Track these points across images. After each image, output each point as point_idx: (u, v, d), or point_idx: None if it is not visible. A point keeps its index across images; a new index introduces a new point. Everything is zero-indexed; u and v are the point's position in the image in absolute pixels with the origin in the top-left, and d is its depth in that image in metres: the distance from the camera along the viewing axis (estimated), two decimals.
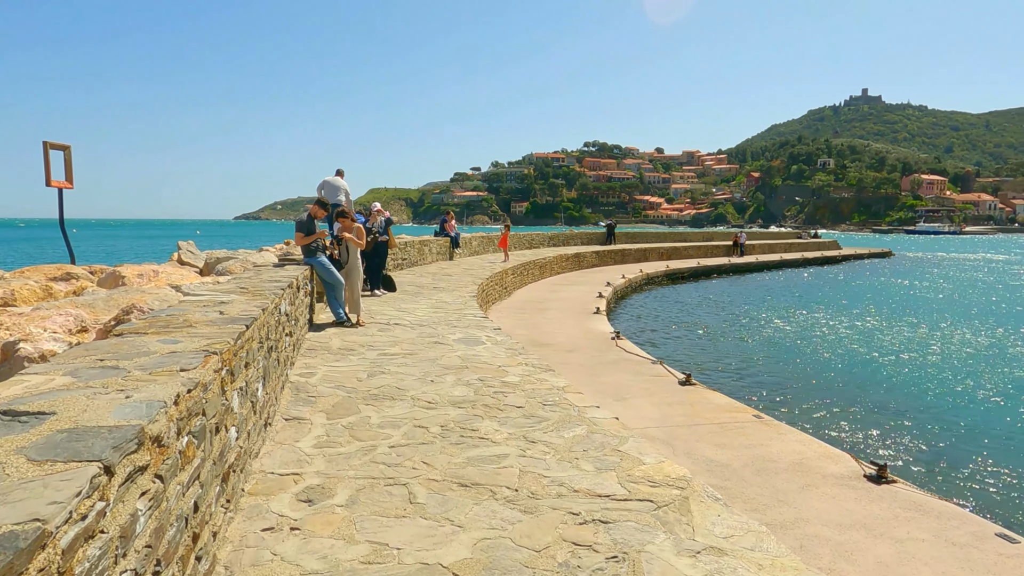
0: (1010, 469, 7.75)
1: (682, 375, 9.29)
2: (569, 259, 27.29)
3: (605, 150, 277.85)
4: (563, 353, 10.92)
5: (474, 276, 16.10)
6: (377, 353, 6.49)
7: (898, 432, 9.05)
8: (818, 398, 10.70)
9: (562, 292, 19.92)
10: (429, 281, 14.43)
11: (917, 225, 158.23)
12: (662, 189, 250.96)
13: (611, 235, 36.40)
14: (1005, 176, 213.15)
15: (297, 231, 7.59)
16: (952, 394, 11.19)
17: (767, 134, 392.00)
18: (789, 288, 28.72)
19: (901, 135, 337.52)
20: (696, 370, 12.36)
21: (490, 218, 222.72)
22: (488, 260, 21.95)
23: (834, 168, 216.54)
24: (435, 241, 19.80)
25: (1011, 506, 6.82)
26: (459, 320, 8.92)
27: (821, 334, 16.71)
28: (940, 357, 14.24)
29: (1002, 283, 33.74)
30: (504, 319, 14.27)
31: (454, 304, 10.78)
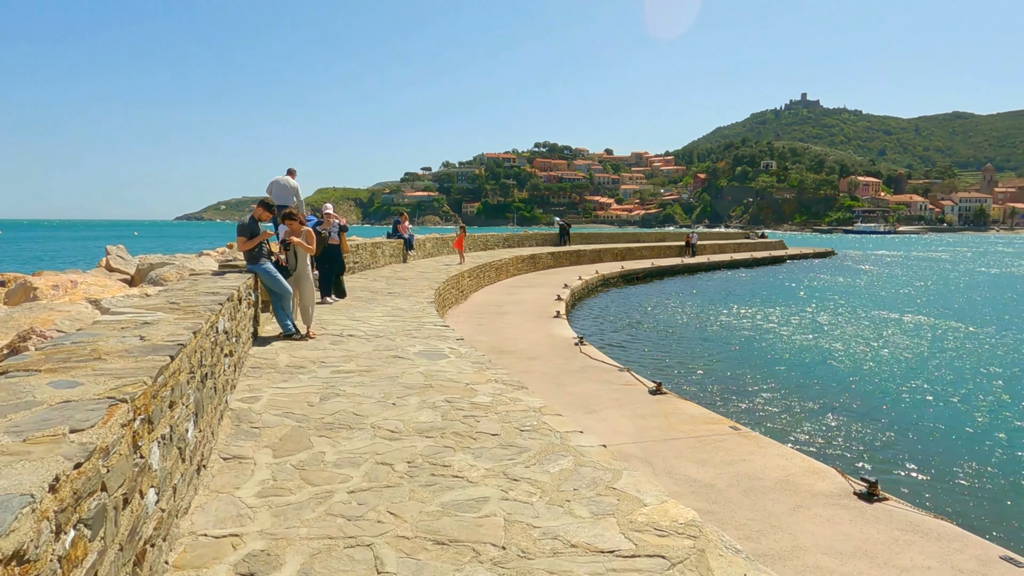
0: (992, 475, 7.63)
1: (652, 384, 8.93)
2: (525, 260, 26.88)
3: (556, 151, 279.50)
4: (526, 361, 10.44)
5: (430, 280, 15.48)
6: (330, 371, 5.86)
7: (869, 435, 8.89)
8: (786, 402, 10.52)
9: (520, 295, 19.46)
10: (383, 286, 13.74)
11: (855, 225, 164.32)
12: (612, 190, 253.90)
13: (565, 236, 36.17)
14: (934, 178, 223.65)
15: (239, 235, 6.87)
16: (919, 396, 11.18)
17: (712, 136, 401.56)
18: (744, 288, 29.00)
19: (838, 138, 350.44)
20: (662, 376, 12.07)
21: (441, 218, 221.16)
22: (443, 262, 21.32)
23: (776, 170, 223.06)
24: (388, 243, 19.07)
25: (999, 517, 6.65)
26: (418, 330, 8.33)
27: (782, 335, 16.72)
28: (902, 357, 14.34)
29: (950, 280, 34.93)
30: (463, 325, 13.71)
31: (412, 311, 10.17)
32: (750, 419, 9.41)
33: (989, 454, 8.41)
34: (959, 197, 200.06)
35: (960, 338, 16.83)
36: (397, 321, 9.03)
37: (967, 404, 10.73)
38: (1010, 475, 7.71)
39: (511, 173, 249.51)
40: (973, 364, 13.73)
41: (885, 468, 7.84)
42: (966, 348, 15.45)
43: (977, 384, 12.00)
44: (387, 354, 6.68)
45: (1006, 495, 7.19)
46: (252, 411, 4.59)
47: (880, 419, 9.78)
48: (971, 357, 14.43)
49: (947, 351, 15.10)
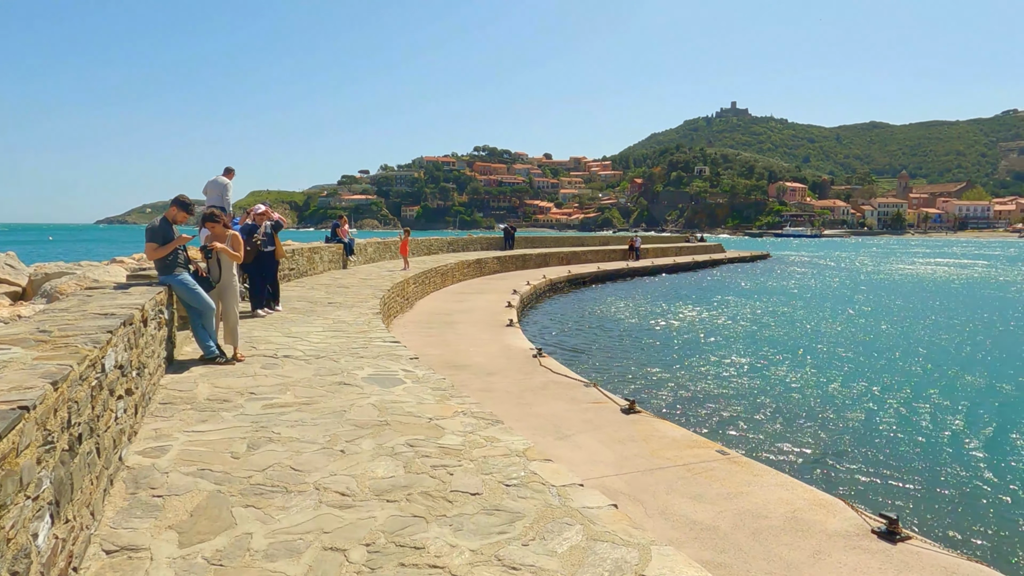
0: (995, 499, 7.17)
1: (624, 402, 8.18)
2: (471, 265, 25.95)
3: (495, 155, 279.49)
4: (484, 377, 9.54)
5: (374, 287, 14.37)
6: (262, 405, 4.80)
7: (850, 450, 8.37)
8: (758, 415, 9.95)
9: (468, 302, 18.53)
10: (322, 295, 12.57)
11: (784, 229, 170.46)
12: (551, 194, 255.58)
13: (510, 240, 35.43)
14: (855, 184, 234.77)
15: (149, 241, 5.70)
16: (892, 403, 10.83)
17: (647, 142, 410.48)
18: (693, 292, 28.93)
19: (766, 145, 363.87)
20: (627, 387, 11.38)
21: (380, 222, 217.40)
22: (386, 268, 20.17)
23: (709, 175, 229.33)
24: (327, 248, 17.80)
25: (1011, 549, 6.17)
26: (366, 347, 7.31)
27: (742, 341, 16.37)
28: (868, 362, 14.12)
29: (874, 285, 35.93)
30: (411, 337, 12.68)
31: (356, 324, 9.11)
32: (729, 436, 8.77)
33: (970, 463, 8.04)
34: (878, 202, 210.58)
35: (924, 336, 16.90)
36: (340, 337, 7.97)
37: (942, 410, 10.47)
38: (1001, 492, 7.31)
39: (451, 176, 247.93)
40: (937, 363, 13.65)
41: (880, 490, 7.31)
42: (933, 346, 15.45)
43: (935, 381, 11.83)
44: (331, 380, 5.66)
45: (1006, 517, 6.75)
46: (156, 469, 3.53)
47: (852, 430, 9.33)
48: (937, 357, 14.37)
49: (914, 352, 15.04)
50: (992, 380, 12.53)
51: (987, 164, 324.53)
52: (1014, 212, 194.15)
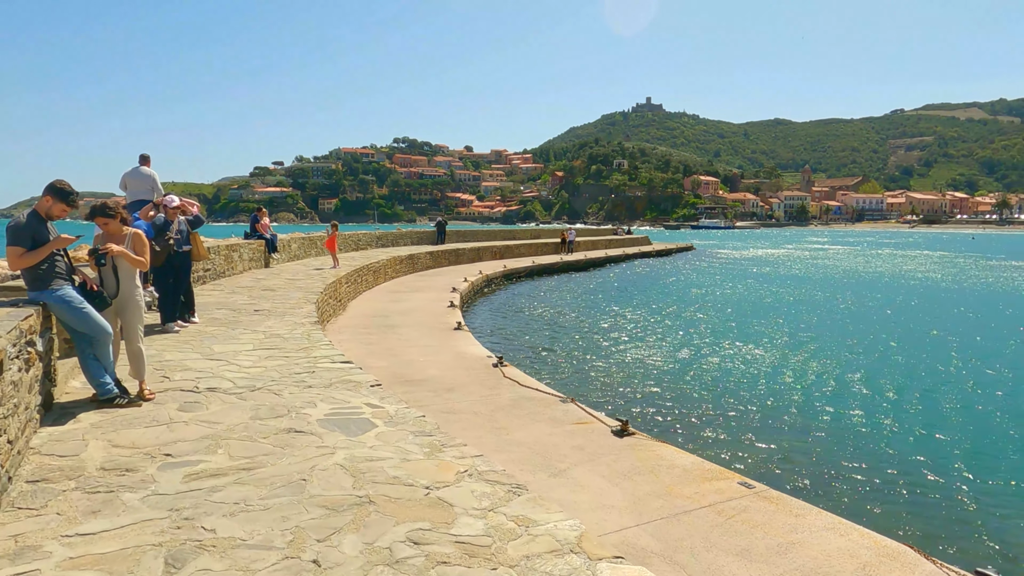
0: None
1: (614, 422, 7.14)
2: (403, 261, 24.42)
3: (416, 147, 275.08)
4: (443, 394, 8.28)
5: (304, 289, 12.75)
6: (183, 476, 3.40)
7: (864, 466, 7.61)
8: (752, 426, 9.10)
9: (406, 301, 17.11)
10: (246, 300, 10.89)
11: (700, 221, 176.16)
12: (473, 187, 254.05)
13: (442, 234, 34.00)
14: (763, 178, 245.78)
15: (11, 244, 4.11)
16: (875, 404, 10.29)
17: (567, 136, 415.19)
18: (631, 285, 28.45)
19: (679, 140, 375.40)
20: (598, 396, 10.35)
21: (297, 216, 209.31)
22: (313, 266, 18.42)
23: (627, 169, 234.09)
24: (247, 245, 15.91)
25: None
26: (312, 372, 5.91)
27: (698, 334, 15.72)
28: (847, 350, 13.68)
29: (804, 275, 36.78)
30: (349, 345, 11.22)
31: (294, 338, 7.63)
32: (737, 458, 7.83)
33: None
34: (784, 195, 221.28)
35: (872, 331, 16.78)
36: (277, 357, 6.51)
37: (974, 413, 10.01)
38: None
39: (370, 169, 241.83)
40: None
41: (941, 524, 6.56)
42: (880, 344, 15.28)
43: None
44: (276, 426, 4.28)
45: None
46: None
47: (863, 438, 8.64)
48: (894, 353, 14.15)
49: (905, 341, 14.79)
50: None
51: (878, 160, 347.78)
52: (903, 204, 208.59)
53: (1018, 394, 10.89)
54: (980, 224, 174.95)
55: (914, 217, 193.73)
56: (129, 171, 10.66)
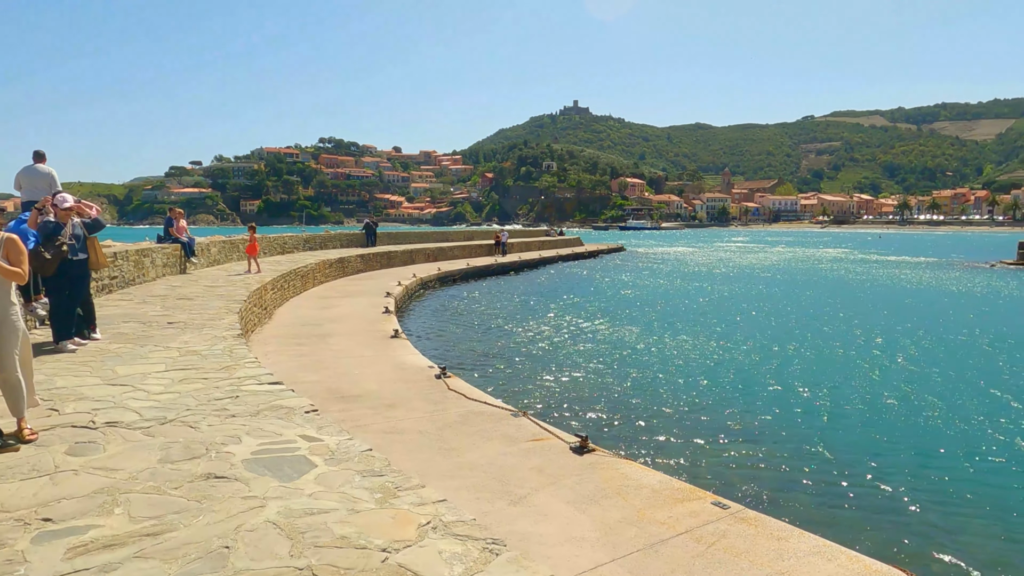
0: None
1: (572, 438, 6.66)
2: (333, 265, 23.34)
3: (342, 147, 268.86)
4: (383, 411, 7.60)
5: (225, 297, 11.72)
6: (64, 552, 2.62)
7: (831, 477, 7.40)
8: (704, 433, 8.81)
9: (338, 307, 16.19)
10: (159, 311, 9.83)
11: (627, 222, 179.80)
12: (402, 188, 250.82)
13: (372, 236, 32.92)
14: (686, 180, 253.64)
15: None
16: (813, 402, 10.23)
17: (496, 137, 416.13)
18: (568, 287, 28.23)
19: (606, 143, 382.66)
20: (548, 409, 9.86)
21: (217, 218, 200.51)
22: (235, 271, 17.21)
23: (557, 171, 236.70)
24: (159, 249, 14.61)
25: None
26: (236, 396, 5.14)
27: (634, 337, 15.51)
28: (768, 359, 13.67)
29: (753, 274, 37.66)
30: (277, 357, 10.33)
31: (213, 354, 6.77)
32: (698, 471, 7.47)
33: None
34: (706, 197, 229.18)
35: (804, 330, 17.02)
36: (195, 380, 5.68)
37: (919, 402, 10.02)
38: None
39: (294, 169, 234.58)
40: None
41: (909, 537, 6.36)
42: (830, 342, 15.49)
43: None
44: (192, 471, 3.54)
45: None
46: None
47: (821, 444, 8.49)
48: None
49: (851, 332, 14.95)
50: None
51: (792, 163, 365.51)
52: (816, 206, 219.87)
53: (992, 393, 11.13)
54: (884, 224, 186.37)
55: (825, 218, 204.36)
56: (23, 169, 9.68)
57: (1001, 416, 9.62)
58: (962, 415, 9.71)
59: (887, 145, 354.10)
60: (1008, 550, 5.87)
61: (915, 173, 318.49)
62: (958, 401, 10.48)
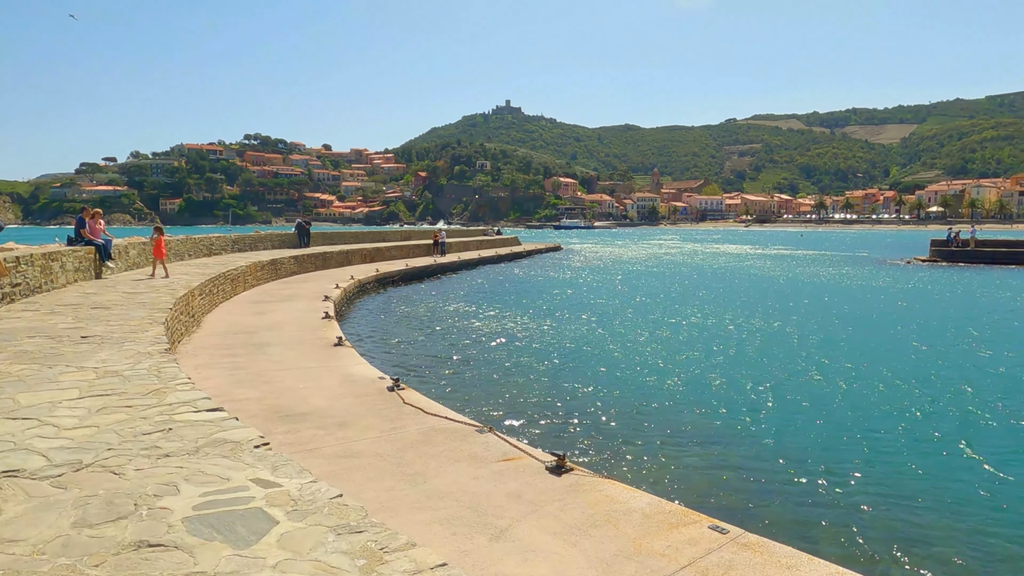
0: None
1: (548, 456, 6.16)
2: (265, 267, 22.07)
3: (269, 144, 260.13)
4: (335, 431, 6.89)
5: (149, 305, 10.62)
6: None
7: (828, 494, 7.15)
8: (686, 444, 8.47)
9: (273, 313, 15.16)
10: (70, 323, 8.73)
11: (561, 221, 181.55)
12: (333, 186, 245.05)
13: (305, 236, 31.53)
14: (617, 180, 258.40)
15: None
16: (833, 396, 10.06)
17: (428, 136, 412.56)
18: (511, 287, 27.74)
19: (538, 143, 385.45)
20: (512, 421, 9.29)
21: (134, 217, 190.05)
22: (158, 276, 15.89)
23: (491, 170, 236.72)
24: (70, 252, 13.23)
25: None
26: (169, 428, 4.36)
27: (584, 339, 15.16)
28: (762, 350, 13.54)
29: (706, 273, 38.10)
30: (210, 371, 9.39)
31: (137, 375, 5.90)
32: (683, 490, 7.06)
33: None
34: (637, 197, 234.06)
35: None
36: (117, 408, 4.83)
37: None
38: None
39: (218, 167, 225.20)
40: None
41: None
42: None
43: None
44: (117, 538, 2.82)
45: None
46: None
47: (804, 450, 8.26)
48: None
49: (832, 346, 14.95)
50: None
51: (716, 164, 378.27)
52: (740, 205, 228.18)
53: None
54: (803, 223, 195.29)
55: (749, 217, 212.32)
56: None
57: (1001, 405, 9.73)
58: (974, 428, 9.77)
59: (803, 148, 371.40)
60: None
61: (829, 174, 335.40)
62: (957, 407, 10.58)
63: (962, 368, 12.57)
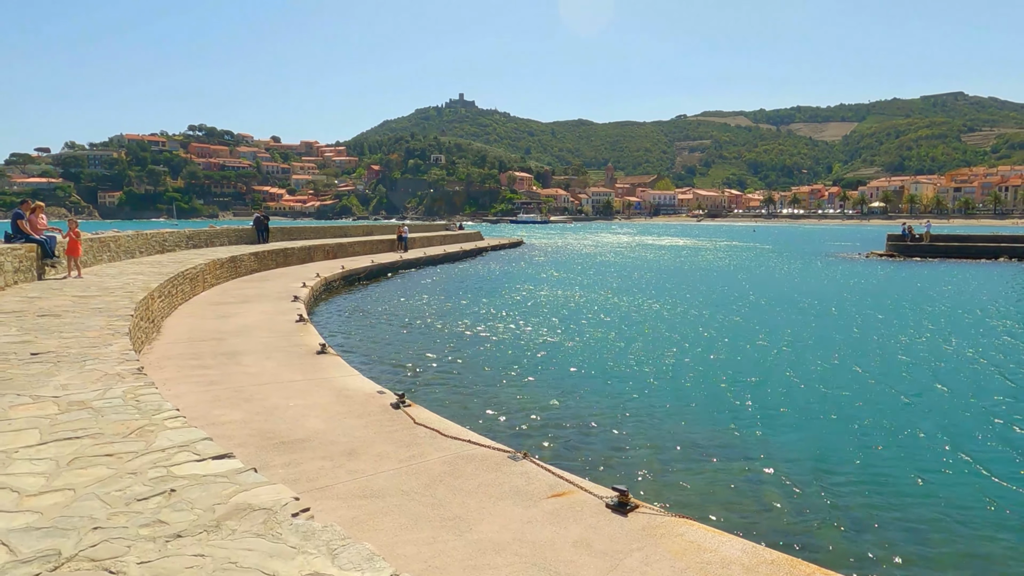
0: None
1: (607, 491, 5.30)
2: (224, 265, 20.58)
3: (215, 136, 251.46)
4: (343, 462, 5.90)
5: (107, 311, 9.31)
6: None
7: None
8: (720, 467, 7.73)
9: (239, 316, 13.90)
10: (15, 336, 7.43)
11: (518, 216, 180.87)
12: (282, 180, 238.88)
13: (264, 231, 29.87)
14: (571, 175, 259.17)
15: None
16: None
17: (380, 129, 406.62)
18: (486, 283, 26.73)
19: (492, 137, 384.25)
20: (537, 441, 8.38)
21: (71, 211, 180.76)
22: (109, 274, 14.41)
23: (445, 164, 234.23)
24: (9, 250, 11.70)
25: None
26: (170, 492, 3.32)
27: (577, 339, 14.35)
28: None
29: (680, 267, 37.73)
30: (179, 387, 8.21)
31: (111, 408, 4.77)
32: (752, 516, 6.23)
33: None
34: (591, 192, 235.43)
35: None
36: (93, 458, 3.74)
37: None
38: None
39: (161, 159, 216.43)
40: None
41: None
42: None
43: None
44: None
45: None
46: None
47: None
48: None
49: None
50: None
51: (667, 160, 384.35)
52: (692, 200, 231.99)
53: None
54: (753, 218, 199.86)
55: (701, 212, 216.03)
56: None
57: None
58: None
59: (751, 144, 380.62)
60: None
61: (776, 170, 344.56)
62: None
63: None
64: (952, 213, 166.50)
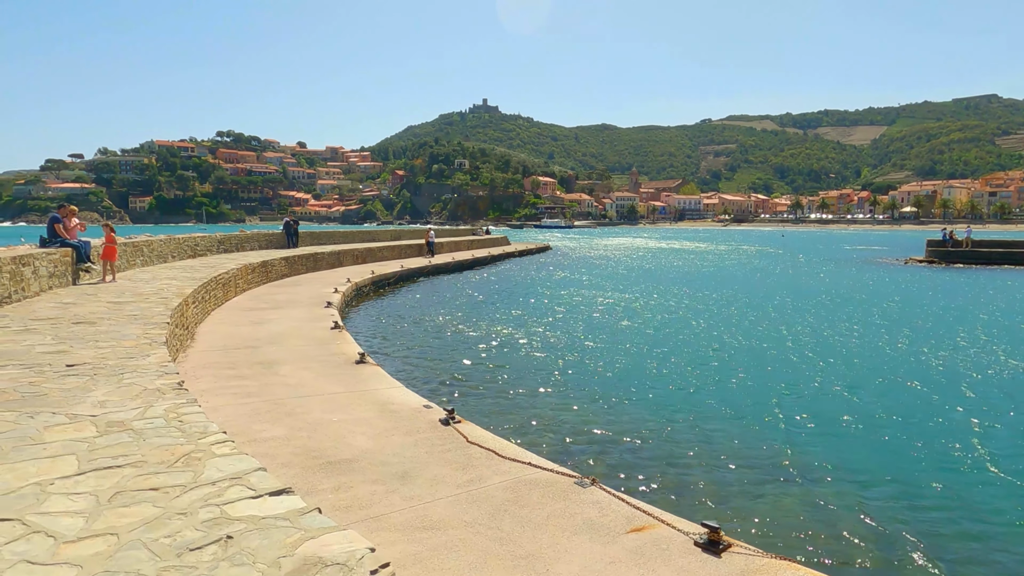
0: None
1: (696, 527, 4.73)
2: (256, 270, 20.36)
3: (242, 141, 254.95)
4: (396, 487, 5.42)
5: (142, 319, 8.99)
6: None
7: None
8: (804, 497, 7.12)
9: (272, 322, 13.56)
10: (50, 344, 7.10)
11: (542, 221, 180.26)
12: (308, 185, 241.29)
13: (293, 236, 29.75)
14: (595, 179, 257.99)
15: None
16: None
17: (405, 134, 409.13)
18: (519, 288, 26.23)
19: (515, 142, 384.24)
20: (594, 462, 7.85)
21: (103, 216, 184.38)
22: (142, 279, 14.20)
23: (469, 168, 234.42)
24: (44, 255, 11.49)
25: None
26: (227, 540, 2.87)
27: (627, 350, 13.78)
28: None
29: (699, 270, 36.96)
30: (215, 399, 7.82)
31: (152, 428, 4.35)
32: (851, 554, 5.65)
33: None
34: (616, 196, 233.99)
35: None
36: (137, 494, 3.31)
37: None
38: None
39: (190, 164, 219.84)
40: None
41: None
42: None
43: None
44: None
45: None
46: None
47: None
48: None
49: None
50: None
51: (692, 164, 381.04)
52: (717, 205, 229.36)
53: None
54: (780, 222, 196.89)
55: (727, 216, 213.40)
56: None
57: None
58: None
59: (777, 148, 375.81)
60: None
61: (803, 174, 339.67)
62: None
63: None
64: (988, 218, 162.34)
